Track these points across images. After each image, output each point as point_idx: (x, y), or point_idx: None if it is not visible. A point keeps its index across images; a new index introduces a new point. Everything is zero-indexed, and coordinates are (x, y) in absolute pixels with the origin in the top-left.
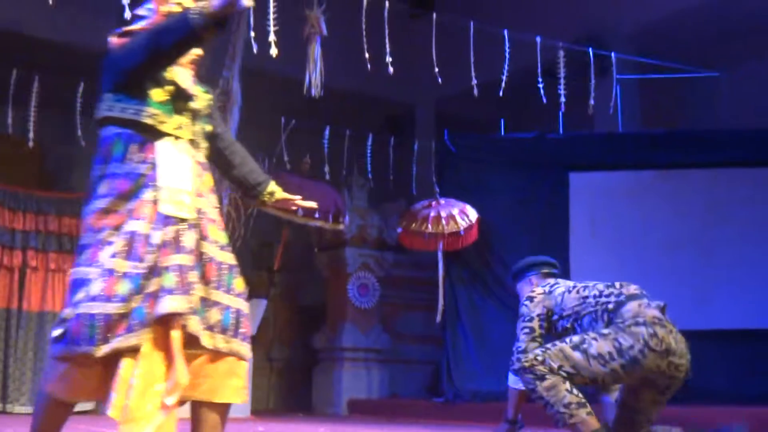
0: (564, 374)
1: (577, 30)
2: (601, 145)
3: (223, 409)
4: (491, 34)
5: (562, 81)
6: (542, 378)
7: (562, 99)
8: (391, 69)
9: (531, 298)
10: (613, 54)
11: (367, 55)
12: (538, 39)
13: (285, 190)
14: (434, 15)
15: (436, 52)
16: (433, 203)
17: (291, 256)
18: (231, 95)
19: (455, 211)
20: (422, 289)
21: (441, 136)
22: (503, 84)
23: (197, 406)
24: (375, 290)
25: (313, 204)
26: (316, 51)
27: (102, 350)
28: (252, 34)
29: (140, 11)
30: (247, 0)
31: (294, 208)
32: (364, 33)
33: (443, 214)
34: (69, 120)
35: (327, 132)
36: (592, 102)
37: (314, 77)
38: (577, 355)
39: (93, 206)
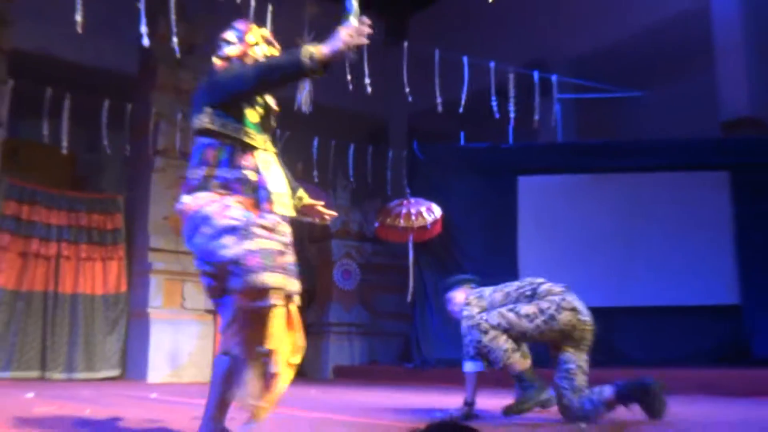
0: (502, 329)
1: (524, 57)
2: (544, 153)
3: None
4: (453, 60)
5: (511, 99)
6: (486, 332)
7: (512, 114)
8: (369, 89)
9: (469, 304)
10: (554, 77)
11: (349, 77)
12: (492, 64)
13: None
14: (406, 44)
15: (407, 75)
16: (405, 202)
17: None
18: None
19: (423, 209)
20: (395, 273)
21: (411, 145)
22: (463, 102)
23: None
24: (356, 275)
25: (333, 213)
26: None
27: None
28: None
29: (228, 36)
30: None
31: (317, 213)
32: (347, 58)
33: (413, 210)
34: (96, 131)
35: (315, 142)
36: (536, 117)
37: (305, 96)
38: (511, 315)
39: (214, 207)
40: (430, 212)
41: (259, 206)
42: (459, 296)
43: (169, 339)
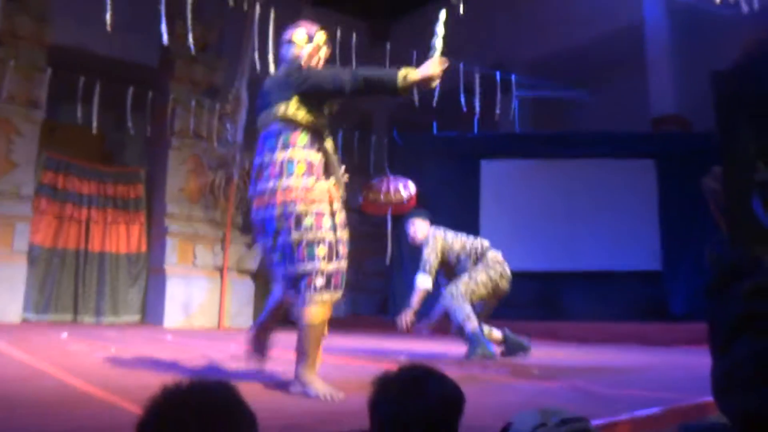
0: (464, 296)
1: (488, 60)
2: (503, 141)
3: None
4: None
5: (477, 96)
6: (452, 295)
7: (477, 108)
8: None
9: (434, 237)
10: (513, 77)
11: None
12: (461, 65)
13: None
14: (388, 45)
15: None
16: (385, 179)
17: None
18: (241, 100)
19: (400, 186)
20: (376, 240)
21: (392, 133)
22: (436, 97)
23: None
24: None
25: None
26: None
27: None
28: (256, 54)
29: (297, 36)
30: (436, 82)
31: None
32: (338, 57)
33: (392, 187)
34: (121, 114)
35: None
36: (497, 111)
37: None
38: (472, 284)
39: (301, 182)
40: (407, 188)
41: (336, 188)
42: (422, 225)
43: (182, 291)
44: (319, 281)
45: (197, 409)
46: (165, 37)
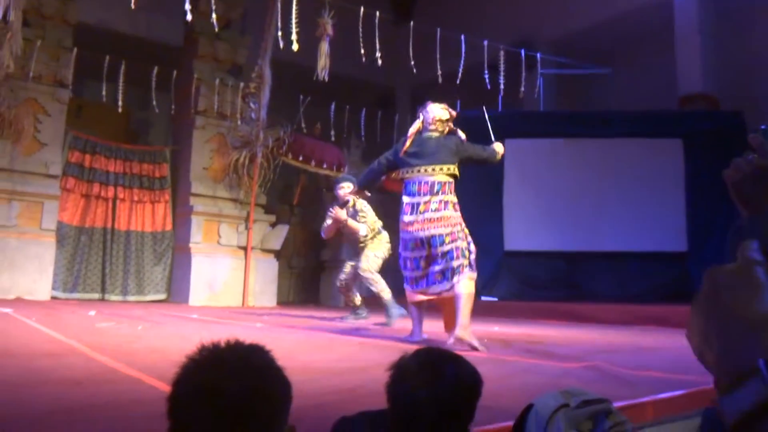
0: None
1: (513, 37)
2: (527, 120)
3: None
4: (452, 38)
5: (501, 73)
6: (370, 272)
7: (501, 86)
8: (380, 61)
9: (363, 209)
10: (538, 54)
11: (362, 51)
12: (485, 42)
13: (301, 148)
14: (411, 23)
15: (412, 50)
16: None
17: (306, 194)
18: (264, 78)
19: None
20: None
21: (414, 111)
22: (460, 74)
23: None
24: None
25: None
26: (325, 47)
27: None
28: (279, 33)
29: (443, 113)
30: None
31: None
32: (360, 34)
33: None
34: (146, 93)
35: (332, 106)
36: (522, 89)
37: (323, 67)
38: (379, 259)
39: (454, 214)
40: None
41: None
42: (350, 188)
43: (207, 270)
44: (468, 267)
45: (234, 367)
46: (189, 15)
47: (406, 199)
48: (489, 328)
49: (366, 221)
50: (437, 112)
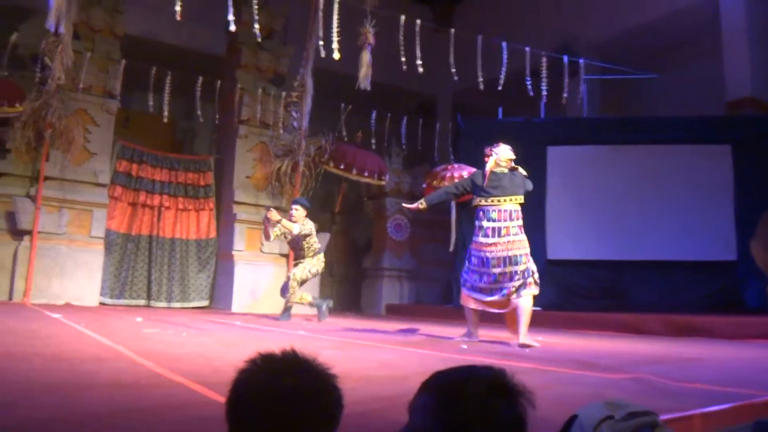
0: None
1: (555, 42)
2: (570, 126)
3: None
4: (493, 44)
5: (543, 79)
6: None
7: (544, 92)
8: (420, 69)
9: (310, 223)
10: (581, 60)
11: (403, 59)
12: (527, 48)
13: (343, 156)
14: (452, 30)
15: (453, 57)
16: (449, 167)
17: (348, 203)
18: (306, 87)
19: (464, 173)
20: (440, 228)
21: (456, 118)
22: (501, 81)
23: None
24: (406, 228)
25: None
26: (367, 56)
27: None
28: (321, 42)
29: (505, 157)
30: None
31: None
32: (401, 43)
33: (456, 174)
34: (191, 103)
35: (374, 114)
36: (565, 95)
37: (364, 75)
38: (308, 274)
39: (524, 237)
40: None
41: None
42: (302, 213)
43: (249, 277)
44: (532, 285)
45: (295, 374)
46: (232, 25)
47: (486, 224)
48: (532, 338)
49: (310, 240)
50: (508, 153)
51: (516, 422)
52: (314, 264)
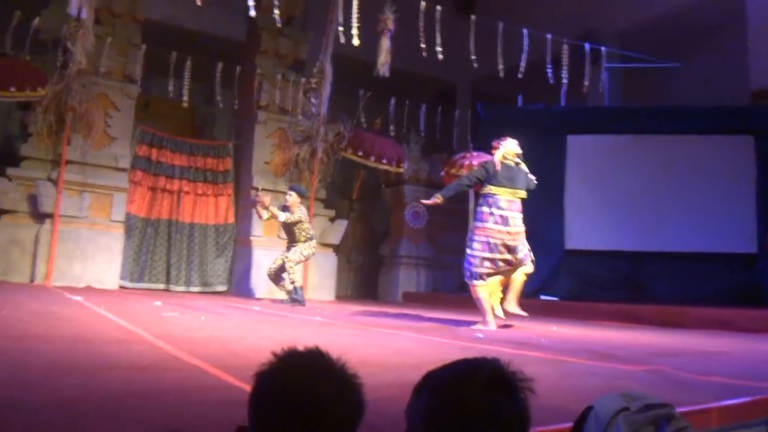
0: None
1: (577, 29)
2: (591, 115)
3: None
4: (514, 32)
5: (564, 67)
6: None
7: (564, 80)
8: (440, 56)
9: (303, 209)
10: (603, 48)
11: (422, 46)
12: (548, 36)
13: (361, 143)
14: (472, 17)
15: (473, 44)
16: (467, 155)
17: (365, 190)
18: (325, 74)
19: (483, 161)
20: (457, 215)
21: (475, 106)
22: (522, 68)
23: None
24: (424, 216)
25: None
26: (386, 43)
27: None
28: (340, 29)
29: (513, 151)
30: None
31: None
32: (421, 29)
33: (474, 162)
34: (211, 88)
35: (392, 101)
36: (586, 83)
37: (383, 62)
38: (301, 256)
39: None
40: None
41: None
42: (296, 200)
43: (267, 263)
44: (530, 263)
45: (322, 371)
46: (252, 11)
47: (496, 210)
48: (548, 327)
49: (302, 225)
50: (514, 148)
51: (518, 415)
52: (306, 248)
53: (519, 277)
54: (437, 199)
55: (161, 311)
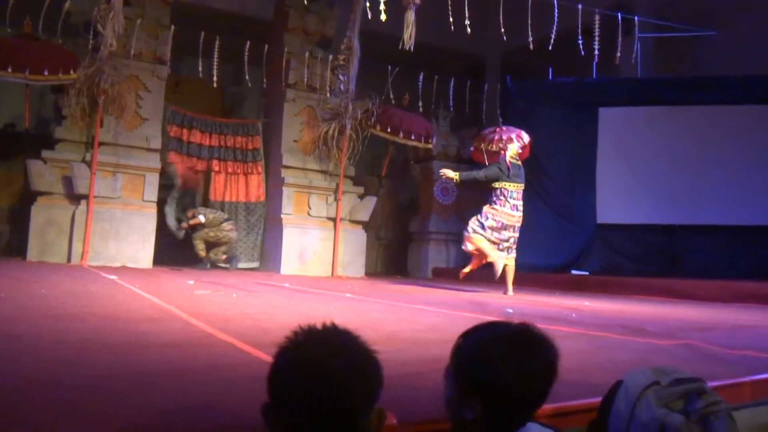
0: None
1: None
2: (623, 87)
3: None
4: (544, 2)
5: (596, 38)
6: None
7: (596, 52)
8: (468, 29)
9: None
10: (636, 17)
11: (451, 19)
12: (579, 6)
13: (390, 119)
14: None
15: (502, 17)
16: (497, 129)
17: (394, 166)
18: (352, 50)
19: (513, 135)
20: (487, 191)
21: (504, 80)
22: (552, 40)
23: None
24: (453, 191)
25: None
26: (411, 17)
27: None
28: (368, 4)
29: (515, 151)
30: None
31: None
32: (449, 2)
33: (504, 137)
34: (239, 68)
35: (421, 77)
36: (618, 54)
37: (409, 35)
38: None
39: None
40: (520, 138)
41: None
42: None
43: (297, 240)
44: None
45: (338, 347)
46: None
47: (510, 200)
48: (580, 302)
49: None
50: (517, 149)
51: (545, 371)
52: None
53: (511, 264)
54: (456, 176)
55: (194, 289)
